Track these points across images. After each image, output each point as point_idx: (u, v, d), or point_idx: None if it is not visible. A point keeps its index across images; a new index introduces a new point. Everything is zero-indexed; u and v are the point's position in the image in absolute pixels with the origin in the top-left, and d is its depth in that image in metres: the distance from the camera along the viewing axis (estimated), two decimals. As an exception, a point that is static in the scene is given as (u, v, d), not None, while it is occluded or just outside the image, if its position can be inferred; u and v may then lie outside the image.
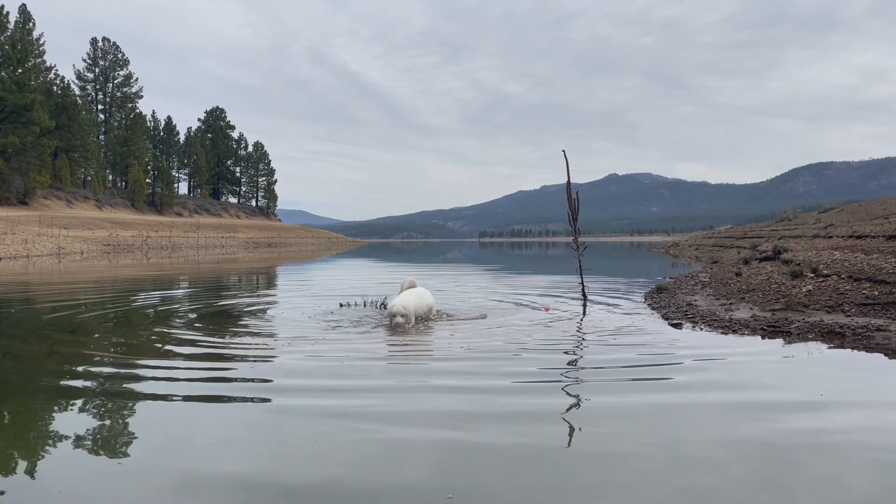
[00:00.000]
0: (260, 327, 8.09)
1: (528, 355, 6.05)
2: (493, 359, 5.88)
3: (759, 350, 6.20)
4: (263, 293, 14.63)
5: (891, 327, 6.61)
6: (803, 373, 5.29)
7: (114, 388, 4.91)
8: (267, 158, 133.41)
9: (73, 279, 18.89)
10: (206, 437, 3.71)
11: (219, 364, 5.81)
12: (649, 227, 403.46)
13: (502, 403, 4.39)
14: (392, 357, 6.31)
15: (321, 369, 5.44)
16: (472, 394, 4.62)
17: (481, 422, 3.89)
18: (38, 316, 9.62)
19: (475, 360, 5.81)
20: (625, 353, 6.14)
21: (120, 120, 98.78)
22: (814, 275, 10.02)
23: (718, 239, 38.24)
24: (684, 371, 5.30)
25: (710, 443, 3.47)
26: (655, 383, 4.89)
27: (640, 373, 5.27)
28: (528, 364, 5.67)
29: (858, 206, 31.50)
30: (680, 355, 5.96)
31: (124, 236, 61.74)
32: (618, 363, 5.65)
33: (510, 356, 6.01)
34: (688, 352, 6.13)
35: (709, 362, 5.59)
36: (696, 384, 4.86)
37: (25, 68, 66.38)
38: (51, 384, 5.14)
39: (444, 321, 8.47)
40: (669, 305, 9.49)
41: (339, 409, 4.18)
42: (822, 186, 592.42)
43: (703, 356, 5.84)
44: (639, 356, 5.95)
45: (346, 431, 3.71)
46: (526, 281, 16.87)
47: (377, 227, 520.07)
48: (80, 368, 5.64)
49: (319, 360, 5.81)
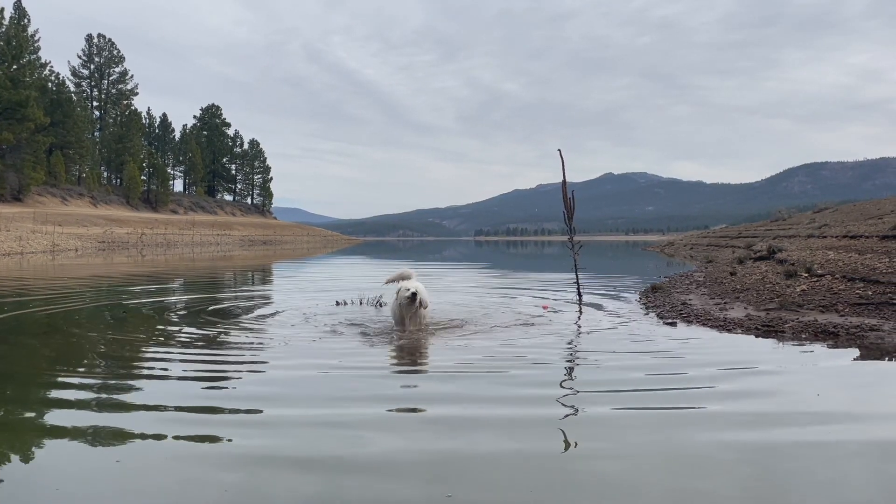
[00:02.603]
0: (255, 328, 8.08)
1: (523, 356, 6.06)
2: (491, 359, 5.89)
3: (755, 350, 6.23)
4: (258, 291, 14.61)
5: (884, 327, 6.65)
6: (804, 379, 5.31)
7: (106, 388, 4.92)
8: (263, 156, 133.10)
9: (65, 276, 18.84)
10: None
11: (211, 368, 5.81)
12: (645, 227, 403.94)
13: (500, 405, 4.40)
14: (387, 366, 6.14)
15: (312, 378, 5.20)
16: (470, 396, 4.63)
17: (479, 428, 3.85)
18: (31, 313, 9.59)
19: (473, 362, 5.81)
20: (621, 353, 6.16)
21: (115, 117, 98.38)
22: (808, 274, 10.06)
23: (713, 238, 38.34)
24: (681, 370, 5.32)
25: (709, 447, 3.43)
26: (652, 384, 4.88)
27: (637, 372, 5.29)
28: (524, 365, 5.67)
29: (853, 207, 31.61)
30: (676, 355, 5.99)
31: (119, 233, 61.54)
32: (614, 363, 5.67)
33: (508, 356, 6.02)
34: (683, 352, 6.16)
35: (707, 365, 5.57)
36: (694, 385, 4.88)
37: (20, 64, 66.11)
38: (44, 384, 5.14)
39: (436, 325, 8.04)
40: (664, 305, 9.52)
41: (329, 417, 4.08)
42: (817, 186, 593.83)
43: (703, 362, 5.76)
44: (635, 357, 5.97)
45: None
46: (520, 279, 16.89)
47: (373, 226, 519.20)
48: (74, 366, 5.65)
49: (311, 370, 5.59)
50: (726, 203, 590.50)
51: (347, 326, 7.88)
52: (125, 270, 22.75)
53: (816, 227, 21.43)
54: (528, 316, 8.86)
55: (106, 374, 5.38)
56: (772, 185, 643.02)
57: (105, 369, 5.60)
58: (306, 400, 4.54)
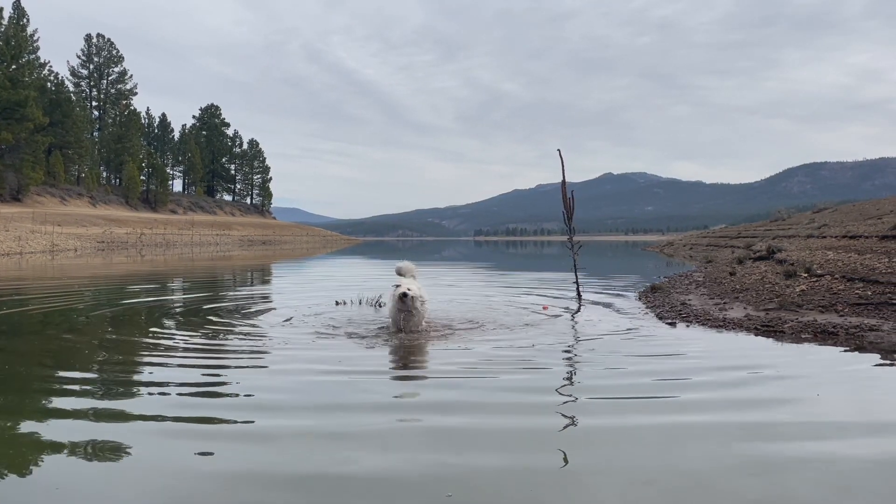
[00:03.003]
0: (252, 329, 8.06)
1: (522, 358, 6.04)
2: (489, 363, 5.87)
3: (755, 352, 6.22)
4: (257, 291, 14.59)
5: (883, 327, 6.64)
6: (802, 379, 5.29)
7: (105, 388, 4.90)
8: (262, 156, 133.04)
9: (65, 276, 18.82)
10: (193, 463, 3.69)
11: (205, 372, 5.79)
12: (644, 227, 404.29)
13: (499, 414, 4.38)
14: (385, 370, 6.03)
15: (306, 385, 5.06)
16: (468, 395, 4.61)
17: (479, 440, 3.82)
18: (29, 314, 9.58)
19: (472, 367, 5.79)
20: (620, 356, 6.15)
21: (114, 117, 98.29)
22: (807, 275, 10.05)
23: (713, 238, 38.32)
24: (680, 374, 5.30)
25: (707, 455, 3.35)
26: (651, 391, 4.85)
27: (636, 377, 5.28)
28: (523, 370, 5.65)
29: (852, 207, 31.61)
30: (675, 358, 5.97)
31: (118, 233, 61.50)
32: (613, 366, 5.66)
33: (506, 360, 6.00)
34: (684, 353, 6.15)
35: (707, 370, 5.51)
36: (692, 390, 4.86)
37: (19, 64, 66.07)
38: (41, 385, 5.12)
39: (435, 325, 7.93)
40: (664, 305, 9.50)
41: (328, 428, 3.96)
42: (816, 186, 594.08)
43: (703, 367, 5.63)
44: (633, 360, 5.96)
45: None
46: (520, 279, 16.87)
47: (372, 226, 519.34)
48: (73, 366, 5.63)
49: (307, 375, 5.51)
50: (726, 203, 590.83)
51: (345, 327, 7.84)
52: (124, 270, 22.72)
53: (816, 228, 21.42)
54: (528, 317, 8.84)
55: (91, 381, 5.36)
56: (771, 185, 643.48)
57: (94, 374, 5.58)
58: (300, 411, 4.28)
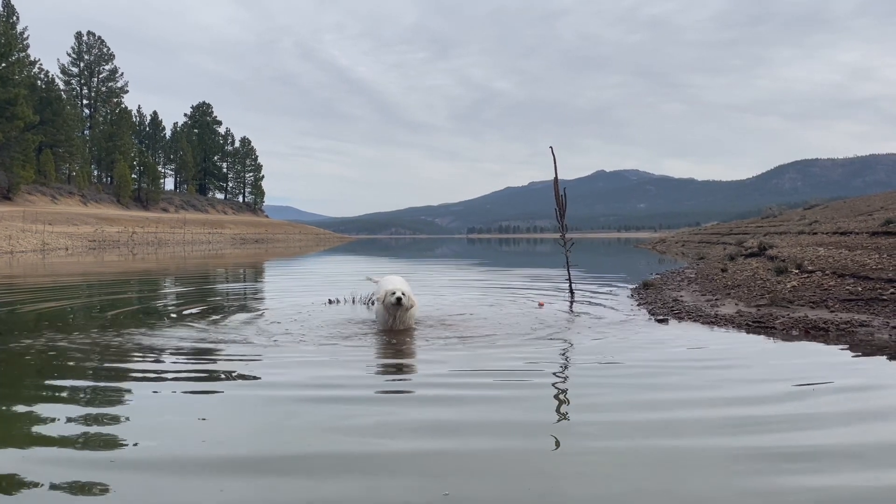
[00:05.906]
0: (245, 329, 8.03)
1: (515, 358, 6.05)
2: (484, 359, 5.88)
3: (746, 348, 6.25)
4: (250, 289, 14.56)
5: (874, 323, 6.69)
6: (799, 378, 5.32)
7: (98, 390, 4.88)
8: (254, 154, 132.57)
9: (55, 276, 18.72)
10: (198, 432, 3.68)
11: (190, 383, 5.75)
12: (636, 224, 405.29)
13: (491, 404, 4.39)
14: (371, 375, 5.89)
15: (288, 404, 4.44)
16: (462, 394, 4.62)
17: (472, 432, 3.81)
18: (22, 312, 9.52)
19: (464, 371, 5.80)
20: (614, 354, 6.18)
21: (105, 115, 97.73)
22: (798, 271, 10.10)
23: (705, 235, 38.48)
24: (673, 374, 5.33)
25: (702, 452, 3.35)
26: (644, 391, 4.85)
27: (629, 378, 5.30)
28: (516, 373, 5.64)
29: (843, 203, 31.81)
30: (668, 355, 6.00)
31: (110, 232, 61.18)
32: (608, 366, 5.69)
33: (498, 359, 6.02)
34: (675, 350, 6.18)
35: (698, 364, 5.55)
36: (685, 388, 4.87)
37: (9, 62, 65.54)
38: (37, 382, 5.10)
39: (425, 325, 7.85)
40: (656, 301, 9.54)
41: None
42: (807, 183, 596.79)
43: (698, 366, 5.49)
44: (626, 357, 5.99)
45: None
46: (513, 276, 16.88)
47: (365, 224, 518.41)
48: (67, 363, 5.60)
49: (309, 366, 5.64)
50: (717, 200, 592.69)
51: (337, 328, 7.75)
52: (116, 269, 22.61)
53: (807, 224, 21.53)
54: (521, 314, 8.86)
55: (94, 376, 5.34)
56: (763, 183, 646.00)
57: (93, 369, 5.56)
58: (271, 442, 3.55)
